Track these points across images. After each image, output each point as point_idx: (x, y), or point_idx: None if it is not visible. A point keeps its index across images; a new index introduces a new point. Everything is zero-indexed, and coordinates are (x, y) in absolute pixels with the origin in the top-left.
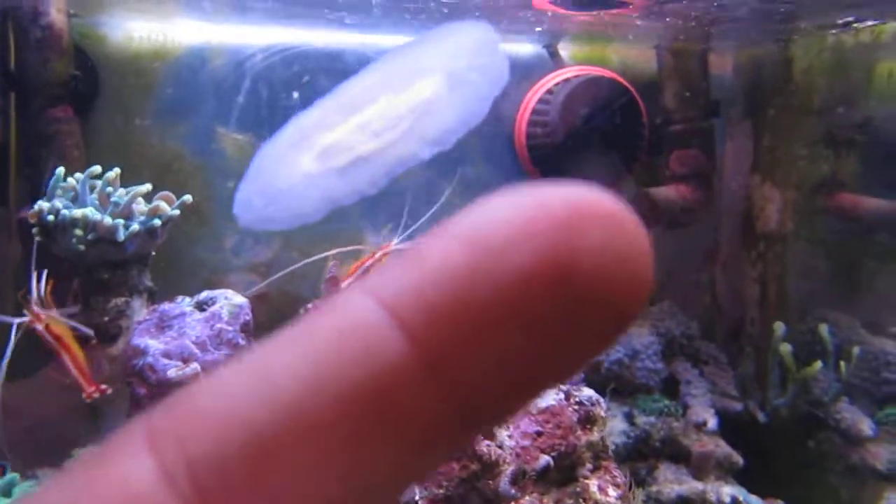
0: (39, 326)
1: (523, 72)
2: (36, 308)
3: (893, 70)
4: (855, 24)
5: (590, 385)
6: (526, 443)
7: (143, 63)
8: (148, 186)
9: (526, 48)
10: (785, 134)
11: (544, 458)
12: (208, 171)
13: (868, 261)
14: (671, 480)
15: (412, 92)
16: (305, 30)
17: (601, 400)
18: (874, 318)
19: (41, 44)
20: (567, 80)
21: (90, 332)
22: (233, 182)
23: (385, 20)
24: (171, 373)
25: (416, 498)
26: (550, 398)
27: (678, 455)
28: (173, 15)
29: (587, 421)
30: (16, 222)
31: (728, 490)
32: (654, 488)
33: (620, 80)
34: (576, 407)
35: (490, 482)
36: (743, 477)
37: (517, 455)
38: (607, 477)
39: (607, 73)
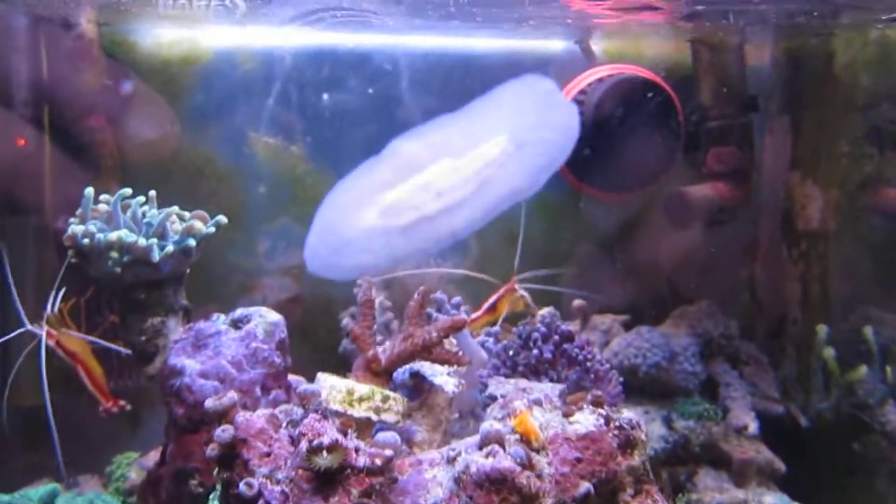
0: (51, 342)
1: (555, 69)
2: (47, 324)
3: None
4: None
5: (628, 389)
6: (566, 469)
7: (172, 69)
8: (175, 209)
9: (556, 44)
10: (826, 130)
11: (584, 486)
12: (240, 176)
13: None
14: (711, 488)
15: (476, 154)
16: (333, 31)
17: (641, 423)
18: None
19: (73, 54)
20: (601, 80)
21: (115, 347)
22: (265, 186)
23: (412, 20)
24: (209, 403)
25: None
26: (590, 424)
27: (718, 460)
28: (202, 20)
29: (627, 445)
30: (52, 232)
31: (770, 499)
32: (694, 496)
33: (655, 78)
34: (616, 432)
35: None
36: (785, 482)
37: (557, 482)
38: (649, 501)
39: (641, 72)
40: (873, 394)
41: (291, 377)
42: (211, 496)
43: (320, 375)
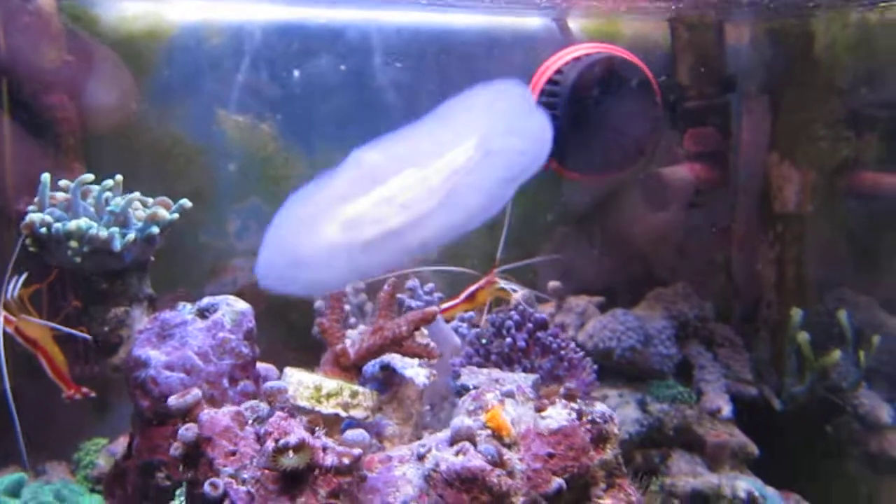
0: (9, 329)
1: (532, 45)
2: (5, 309)
3: None
4: (882, 4)
5: (604, 372)
6: (538, 465)
7: (137, 44)
8: (138, 195)
9: (534, 21)
10: (805, 112)
11: (557, 482)
12: (209, 154)
13: (887, 240)
14: (685, 472)
15: (443, 162)
16: (304, 6)
17: (614, 416)
18: (894, 296)
19: (30, 29)
20: (577, 59)
21: (77, 333)
22: (235, 164)
23: None
24: (172, 401)
25: None
26: (563, 418)
27: (692, 444)
28: None
29: (600, 440)
30: (13, 213)
31: (743, 484)
32: (668, 480)
33: (632, 58)
34: (588, 426)
35: None
36: (758, 466)
37: (528, 479)
38: (621, 495)
39: (618, 52)
40: (847, 377)
41: (260, 365)
42: (177, 491)
43: (287, 370)
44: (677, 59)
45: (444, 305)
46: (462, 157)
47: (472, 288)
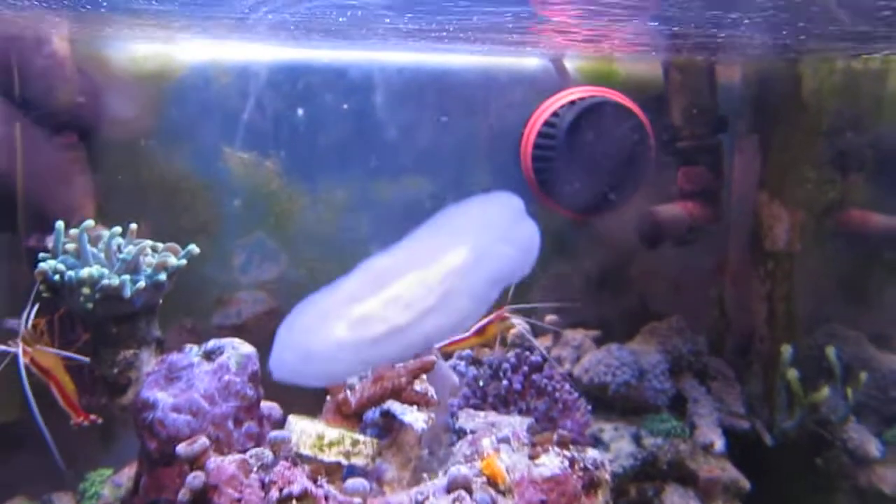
0: (25, 360)
1: (530, 85)
2: (23, 342)
3: None
4: (863, 56)
5: (599, 405)
6: None
7: (146, 84)
8: (149, 243)
9: (531, 61)
10: (793, 153)
11: None
12: (215, 190)
13: (875, 277)
14: None
15: (441, 264)
16: (309, 47)
17: (605, 462)
18: (881, 331)
19: (45, 72)
20: (573, 103)
21: (84, 359)
22: (239, 200)
23: (390, 40)
24: (181, 449)
25: None
26: (555, 466)
27: (685, 478)
28: (176, 34)
29: (591, 486)
30: (24, 249)
31: None
32: None
33: (626, 102)
34: (580, 473)
35: None
36: (750, 499)
37: None
38: None
39: (613, 95)
40: (835, 411)
41: (264, 404)
42: None
43: (291, 419)
44: (670, 100)
45: (455, 338)
46: (458, 260)
47: (483, 322)
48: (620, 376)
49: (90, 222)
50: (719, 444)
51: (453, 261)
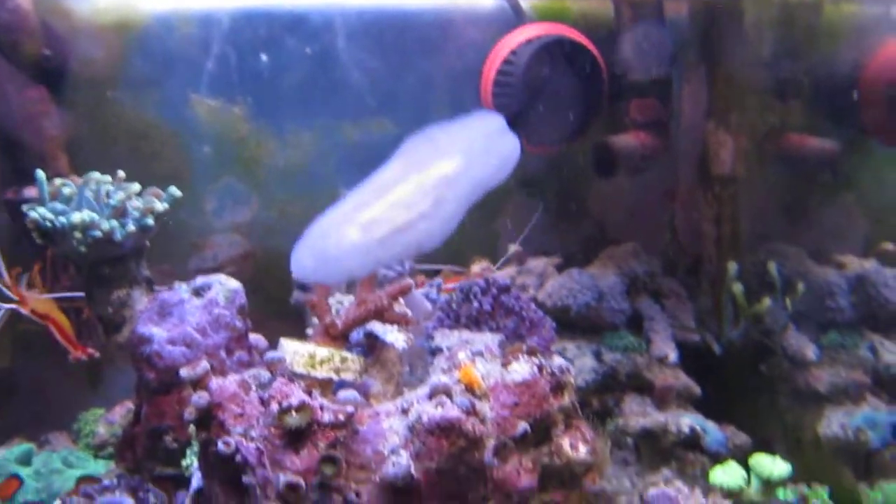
0: (25, 311)
1: (486, 25)
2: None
3: (834, 26)
4: None
5: (562, 326)
6: (505, 413)
7: (110, 35)
8: (137, 186)
9: (488, 0)
10: (736, 83)
11: (522, 426)
12: (184, 137)
13: (813, 197)
14: (636, 413)
15: (435, 170)
16: None
17: (570, 367)
18: (819, 247)
19: (9, 26)
20: (529, 41)
21: (79, 294)
22: (209, 146)
23: None
24: (184, 372)
25: (412, 471)
26: (526, 372)
27: (642, 387)
28: None
29: (558, 388)
30: (2, 202)
31: (687, 420)
32: (621, 420)
33: (581, 38)
34: (548, 378)
35: (476, 454)
36: (700, 404)
37: (498, 424)
38: (577, 434)
39: (568, 32)
40: (777, 321)
41: (251, 336)
42: (187, 451)
43: (282, 341)
44: (622, 36)
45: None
46: (450, 169)
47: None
48: (581, 298)
49: (96, 175)
50: (673, 356)
51: (446, 169)
